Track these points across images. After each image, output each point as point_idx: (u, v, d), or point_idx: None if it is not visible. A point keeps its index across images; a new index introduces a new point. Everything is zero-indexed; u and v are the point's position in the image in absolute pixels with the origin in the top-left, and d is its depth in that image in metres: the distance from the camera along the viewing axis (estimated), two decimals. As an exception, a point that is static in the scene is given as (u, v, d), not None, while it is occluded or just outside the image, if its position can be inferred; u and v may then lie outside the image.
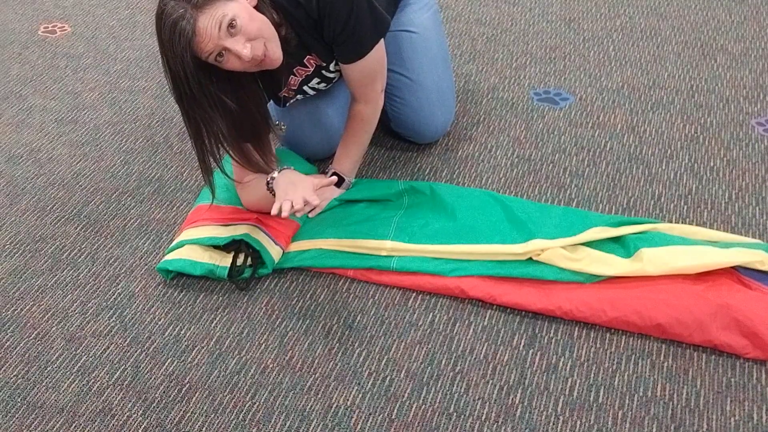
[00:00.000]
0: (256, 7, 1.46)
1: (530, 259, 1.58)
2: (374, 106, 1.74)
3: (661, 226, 1.64)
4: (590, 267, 1.54)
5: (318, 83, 1.73)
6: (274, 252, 1.62)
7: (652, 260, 1.52)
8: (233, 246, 1.62)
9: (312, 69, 1.68)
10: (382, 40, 1.65)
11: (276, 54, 1.47)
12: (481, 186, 1.84)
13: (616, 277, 1.54)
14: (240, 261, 1.60)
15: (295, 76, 1.68)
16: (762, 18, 2.47)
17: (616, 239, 1.62)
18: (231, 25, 1.38)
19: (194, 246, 1.62)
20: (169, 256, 1.62)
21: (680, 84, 2.18)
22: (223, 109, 1.47)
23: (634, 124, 2.04)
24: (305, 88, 1.73)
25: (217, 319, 1.56)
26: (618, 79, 2.21)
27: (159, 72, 2.30)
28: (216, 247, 1.62)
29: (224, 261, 1.60)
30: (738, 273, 1.53)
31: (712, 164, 1.90)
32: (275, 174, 1.60)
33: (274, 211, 1.45)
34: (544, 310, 1.52)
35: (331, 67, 1.69)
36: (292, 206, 1.45)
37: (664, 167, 1.89)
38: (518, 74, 2.24)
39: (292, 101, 1.76)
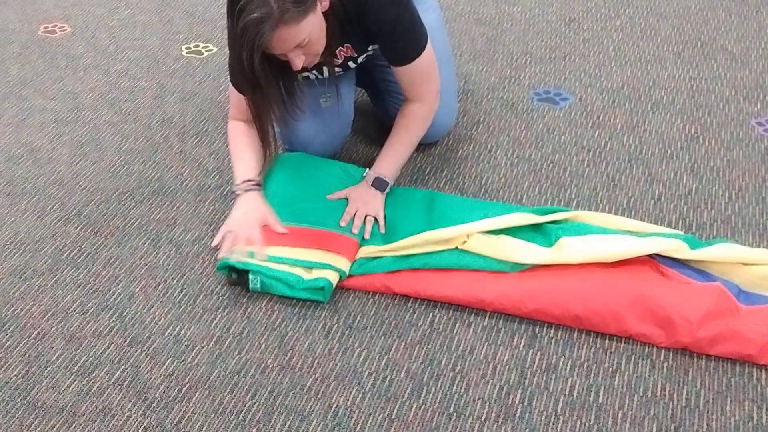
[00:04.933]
0: (325, 14, 1.50)
1: (456, 248, 1.59)
2: (429, 107, 1.74)
3: (583, 215, 1.67)
4: (513, 256, 1.56)
5: (338, 71, 1.74)
6: (343, 265, 1.60)
7: (571, 249, 1.55)
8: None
9: (341, 61, 1.69)
10: (431, 42, 1.68)
11: (315, 61, 1.56)
12: (481, 186, 1.84)
13: (538, 266, 1.56)
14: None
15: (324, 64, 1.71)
16: (762, 18, 2.47)
17: (536, 228, 1.64)
18: (301, 44, 1.46)
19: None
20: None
21: (680, 84, 2.18)
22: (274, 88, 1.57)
23: (634, 124, 2.04)
24: (324, 68, 1.74)
25: (217, 319, 1.56)
26: (618, 79, 2.21)
27: (159, 72, 2.31)
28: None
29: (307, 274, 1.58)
30: (656, 261, 1.56)
31: (712, 164, 1.90)
32: (241, 189, 1.67)
33: (214, 243, 1.62)
34: (466, 302, 1.54)
35: (360, 59, 1.71)
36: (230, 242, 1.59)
37: (664, 167, 1.89)
38: (518, 74, 2.24)
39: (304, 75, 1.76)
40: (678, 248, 1.55)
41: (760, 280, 1.53)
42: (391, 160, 1.74)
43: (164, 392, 1.42)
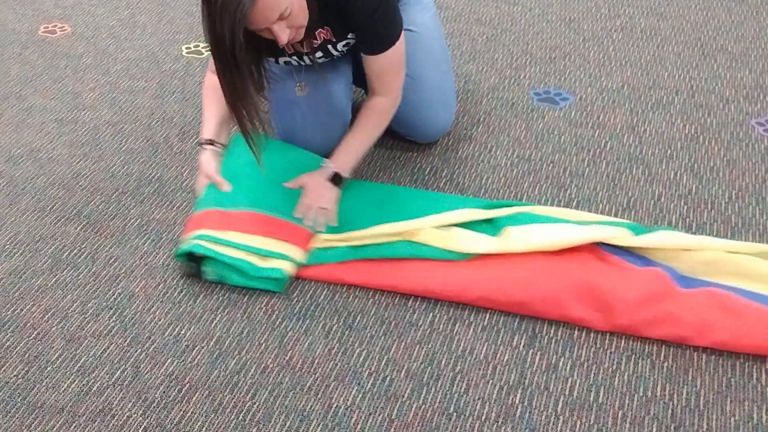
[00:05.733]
0: None
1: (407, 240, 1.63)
2: (394, 101, 1.76)
3: (530, 208, 1.70)
4: (461, 245, 1.59)
5: (319, 57, 1.73)
6: (297, 256, 1.62)
7: (517, 237, 1.59)
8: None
9: (319, 42, 1.68)
10: (403, 33, 1.68)
11: (300, 37, 1.55)
12: (481, 186, 1.84)
13: (485, 255, 1.59)
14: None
15: (301, 47, 1.69)
16: (762, 18, 2.47)
17: (487, 220, 1.67)
18: (283, 15, 1.45)
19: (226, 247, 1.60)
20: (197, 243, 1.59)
21: (680, 84, 2.18)
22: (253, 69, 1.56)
23: (634, 124, 2.04)
24: (304, 57, 1.73)
25: (217, 319, 1.56)
26: (618, 79, 2.21)
27: (159, 72, 2.31)
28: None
29: (263, 263, 1.59)
30: (598, 248, 1.59)
31: (712, 164, 1.90)
32: (208, 145, 1.75)
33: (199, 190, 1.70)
34: (413, 291, 1.56)
35: (339, 46, 1.70)
36: None
37: (664, 167, 1.89)
38: (518, 74, 2.24)
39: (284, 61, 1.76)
40: (620, 236, 1.58)
41: (699, 265, 1.56)
42: (350, 155, 1.75)
43: (164, 392, 1.42)
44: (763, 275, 1.53)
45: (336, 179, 1.74)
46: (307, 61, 1.73)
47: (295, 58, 1.72)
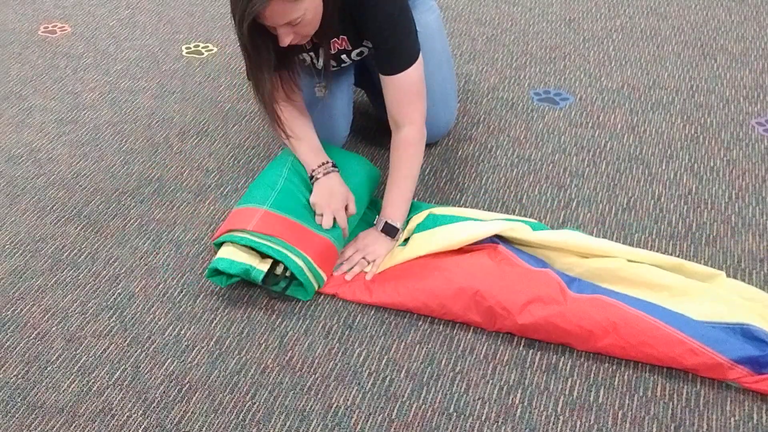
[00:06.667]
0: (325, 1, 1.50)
1: None
2: (420, 130, 1.67)
3: (432, 209, 1.71)
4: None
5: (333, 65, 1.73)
6: (312, 278, 1.57)
7: (419, 244, 1.61)
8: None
9: (333, 52, 1.68)
10: (422, 62, 1.65)
11: (304, 41, 1.56)
12: (481, 186, 1.84)
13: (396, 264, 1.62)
14: (279, 270, 1.55)
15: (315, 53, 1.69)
16: (762, 18, 2.47)
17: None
18: (293, 22, 1.46)
19: (234, 245, 1.57)
20: (218, 254, 1.56)
21: (680, 84, 2.18)
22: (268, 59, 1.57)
23: (634, 124, 2.04)
24: (320, 55, 1.71)
25: (217, 319, 1.56)
26: (618, 79, 2.21)
27: (159, 72, 2.31)
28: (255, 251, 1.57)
29: (262, 265, 1.55)
30: (495, 245, 1.59)
31: (712, 164, 1.90)
32: (320, 173, 1.65)
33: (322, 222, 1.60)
34: (331, 293, 1.60)
35: (353, 54, 1.70)
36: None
37: (664, 167, 1.89)
38: (518, 74, 2.24)
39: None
40: (516, 228, 1.59)
41: (598, 271, 1.55)
42: (397, 201, 1.67)
43: (164, 392, 1.42)
44: (659, 285, 1.51)
45: (389, 230, 1.65)
46: (321, 63, 1.72)
47: (311, 54, 1.70)
